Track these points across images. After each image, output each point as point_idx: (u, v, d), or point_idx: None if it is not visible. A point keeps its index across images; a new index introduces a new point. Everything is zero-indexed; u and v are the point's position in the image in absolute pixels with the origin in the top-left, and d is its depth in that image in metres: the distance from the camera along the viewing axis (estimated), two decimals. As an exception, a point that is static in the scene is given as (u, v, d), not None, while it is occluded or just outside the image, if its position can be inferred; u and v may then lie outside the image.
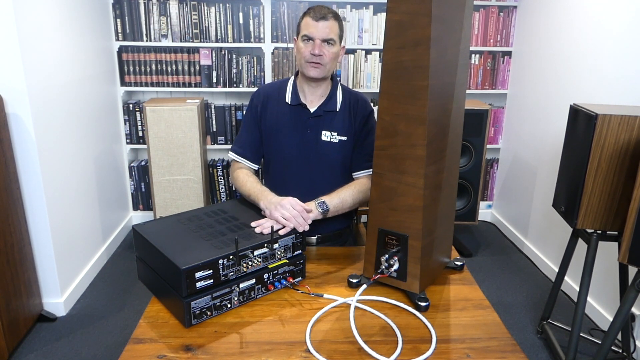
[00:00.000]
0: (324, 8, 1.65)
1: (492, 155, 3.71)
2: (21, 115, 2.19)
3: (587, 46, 2.61)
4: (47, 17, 2.37)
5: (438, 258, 1.40)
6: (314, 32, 1.63)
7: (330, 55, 1.65)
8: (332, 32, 1.64)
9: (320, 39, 1.63)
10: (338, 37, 1.67)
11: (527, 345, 2.33)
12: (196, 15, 3.18)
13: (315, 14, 1.63)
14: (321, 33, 1.62)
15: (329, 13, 1.63)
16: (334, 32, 1.65)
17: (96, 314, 2.52)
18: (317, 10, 1.64)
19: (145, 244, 1.28)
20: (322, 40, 1.63)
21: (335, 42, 1.66)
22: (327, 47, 1.64)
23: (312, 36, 1.63)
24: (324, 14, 1.63)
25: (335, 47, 1.66)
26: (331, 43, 1.64)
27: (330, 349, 1.11)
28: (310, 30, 1.63)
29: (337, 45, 1.67)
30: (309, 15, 1.64)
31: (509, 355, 1.11)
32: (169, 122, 2.90)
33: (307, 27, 1.64)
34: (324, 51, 1.64)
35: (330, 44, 1.64)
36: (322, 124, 1.73)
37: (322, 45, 1.63)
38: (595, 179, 1.80)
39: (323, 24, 1.62)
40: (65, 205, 2.53)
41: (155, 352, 1.09)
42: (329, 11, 1.64)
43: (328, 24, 1.62)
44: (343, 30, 1.71)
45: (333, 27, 1.64)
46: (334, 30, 1.64)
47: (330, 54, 1.65)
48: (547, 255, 3.02)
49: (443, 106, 1.26)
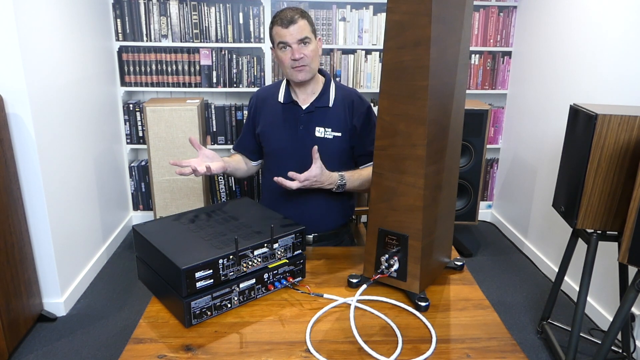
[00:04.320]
0: (289, 11, 1.65)
1: (492, 155, 3.71)
2: (21, 115, 2.19)
3: (587, 46, 2.61)
4: (47, 17, 2.37)
5: (438, 258, 1.40)
6: (288, 38, 1.64)
7: (310, 53, 1.67)
8: (305, 31, 1.65)
9: (295, 42, 1.64)
10: (312, 33, 1.68)
11: (527, 345, 2.33)
12: (196, 15, 3.18)
13: (282, 21, 1.64)
14: (295, 36, 1.63)
15: (295, 14, 1.64)
16: (307, 31, 1.65)
17: (96, 314, 2.52)
18: (282, 16, 1.64)
19: (145, 244, 1.28)
20: (298, 42, 1.64)
21: (311, 39, 1.67)
22: (305, 47, 1.66)
23: (287, 42, 1.64)
24: (291, 17, 1.63)
25: (312, 43, 1.68)
26: (307, 42, 1.66)
27: (330, 349, 1.11)
28: (284, 38, 1.64)
29: (314, 42, 1.68)
30: (277, 24, 1.65)
31: (509, 355, 1.11)
32: (169, 122, 2.91)
33: (280, 36, 1.65)
34: (304, 52, 1.65)
35: (307, 42, 1.66)
36: (315, 120, 1.75)
37: (300, 47, 1.65)
38: (595, 179, 1.80)
39: (293, 27, 1.63)
40: (66, 205, 2.54)
41: (155, 352, 1.09)
42: (294, 13, 1.65)
43: (298, 26, 1.63)
44: (313, 24, 1.72)
45: (304, 27, 1.65)
46: (306, 29, 1.65)
47: (310, 52, 1.66)
48: (547, 255, 3.02)
49: (443, 106, 1.26)
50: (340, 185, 1.68)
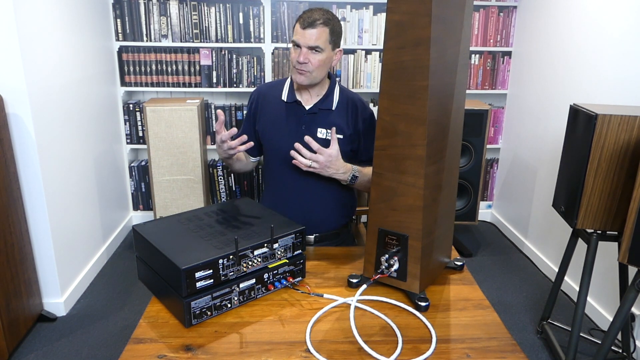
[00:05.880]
0: (315, 13, 1.62)
1: (492, 155, 3.71)
2: (21, 115, 2.19)
3: (587, 46, 2.61)
4: (47, 17, 2.37)
5: (438, 258, 1.40)
6: (301, 40, 1.63)
7: (317, 62, 1.64)
8: (319, 39, 1.62)
9: (306, 46, 1.62)
10: (327, 43, 1.64)
11: (527, 345, 2.33)
12: (196, 15, 3.18)
13: (303, 21, 1.62)
14: (307, 41, 1.62)
15: (318, 20, 1.61)
16: (322, 40, 1.62)
17: (96, 314, 2.52)
18: (306, 17, 1.62)
19: (145, 244, 1.28)
20: (307, 48, 1.63)
21: (323, 49, 1.63)
22: (312, 55, 1.63)
23: (299, 43, 1.64)
24: (313, 20, 1.61)
25: (323, 54, 1.64)
26: (317, 50, 1.63)
27: (330, 349, 1.11)
28: (298, 37, 1.63)
29: (326, 52, 1.65)
30: (299, 22, 1.64)
31: (509, 355, 1.11)
32: (169, 122, 2.91)
33: (296, 34, 1.65)
34: (309, 59, 1.63)
35: (317, 51, 1.63)
36: (318, 122, 1.74)
37: (307, 53, 1.63)
38: (595, 179, 1.80)
39: (310, 32, 1.61)
40: (66, 205, 2.54)
41: (155, 352, 1.09)
42: (319, 17, 1.62)
43: (315, 32, 1.61)
44: (338, 34, 1.69)
45: (321, 35, 1.62)
46: (322, 38, 1.62)
47: (316, 61, 1.64)
48: (547, 255, 3.02)
49: (443, 106, 1.26)
50: (353, 177, 1.66)
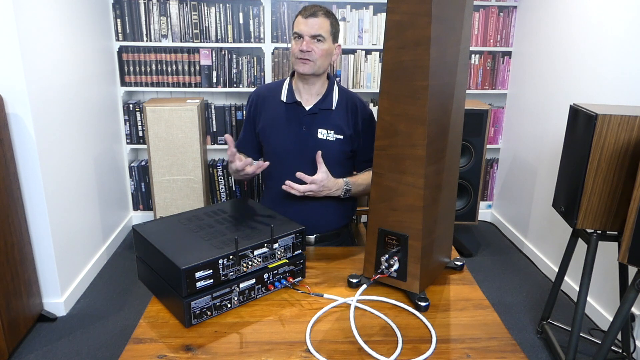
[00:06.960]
0: (316, 6, 1.67)
1: (492, 155, 3.71)
2: (21, 115, 2.19)
3: (587, 46, 2.61)
4: (47, 17, 2.37)
5: (438, 258, 1.40)
6: (303, 29, 1.65)
7: (320, 52, 1.66)
8: (322, 28, 1.65)
9: (309, 35, 1.65)
10: (329, 34, 1.68)
11: (527, 345, 2.33)
12: (196, 15, 3.18)
13: (305, 11, 1.66)
14: (310, 29, 1.64)
15: (319, 10, 1.66)
16: (324, 29, 1.66)
17: (96, 314, 2.52)
18: (308, 8, 1.67)
19: (145, 244, 1.28)
20: (310, 37, 1.65)
21: (325, 38, 1.67)
22: (316, 44, 1.66)
23: (301, 33, 1.66)
24: (314, 11, 1.65)
25: (326, 44, 1.67)
26: (320, 39, 1.66)
27: (330, 349, 1.11)
28: (300, 28, 1.66)
29: (328, 42, 1.68)
30: (300, 14, 1.67)
31: (509, 355, 1.11)
32: (169, 122, 2.91)
33: (298, 25, 1.67)
34: (313, 47, 1.65)
35: (320, 40, 1.66)
36: (318, 122, 1.75)
37: (310, 42, 1.65)
38: (595, 179, 1.80)
39: (312, 20, 1.64)
40: (66, 205, 2.54)
41: (155, 352, 1.09)
42: (320, 9, 1.66)
43: (317, 21, 1.64)
44: (337, 28, 1.72)
45: (323, 24, 1.65)
46: (324, 27, 1.66)
47: (319, 50, 1.66)
48: (547, 255, 3.02)
49: (443, 106, 1.26)
50: (347, 190, 1.70)
